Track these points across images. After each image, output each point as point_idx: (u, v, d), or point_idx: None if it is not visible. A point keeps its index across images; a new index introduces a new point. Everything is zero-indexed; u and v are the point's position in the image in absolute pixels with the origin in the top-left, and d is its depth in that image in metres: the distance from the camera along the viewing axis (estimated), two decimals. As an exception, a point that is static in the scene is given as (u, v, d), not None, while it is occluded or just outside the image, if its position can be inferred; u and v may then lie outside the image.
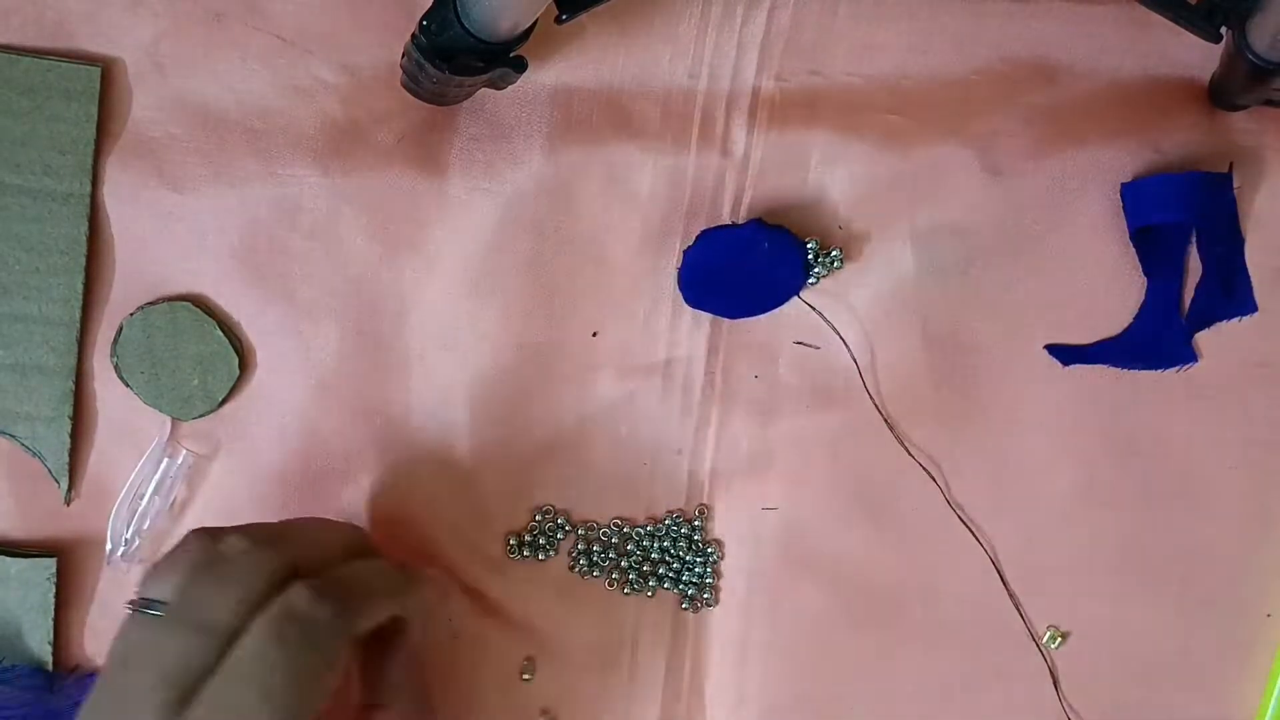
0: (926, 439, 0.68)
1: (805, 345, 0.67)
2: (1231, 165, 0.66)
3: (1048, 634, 0.67)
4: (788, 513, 0.68)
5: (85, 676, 0.66)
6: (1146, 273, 0.67)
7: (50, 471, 0.66)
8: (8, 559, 0.65)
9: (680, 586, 0.68)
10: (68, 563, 0.66)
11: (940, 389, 0.67)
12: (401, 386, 0.67)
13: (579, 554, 0.68)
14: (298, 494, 0.68)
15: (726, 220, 0.67)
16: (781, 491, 0.68)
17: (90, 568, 0.67)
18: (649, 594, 0.68)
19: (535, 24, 0.60)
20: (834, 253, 0.66)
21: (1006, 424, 0.68)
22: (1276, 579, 0.68)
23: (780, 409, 0.68)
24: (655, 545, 0.68)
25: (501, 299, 0.67)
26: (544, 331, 0.67)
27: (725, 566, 0.68)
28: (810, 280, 0.66)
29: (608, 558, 0.68)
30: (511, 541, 0.68)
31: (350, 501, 0.68)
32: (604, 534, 0.68)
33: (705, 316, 0.67)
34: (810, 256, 0.66)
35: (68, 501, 0.67)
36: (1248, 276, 0.67)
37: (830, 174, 0.67)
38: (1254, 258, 0.67)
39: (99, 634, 0.67)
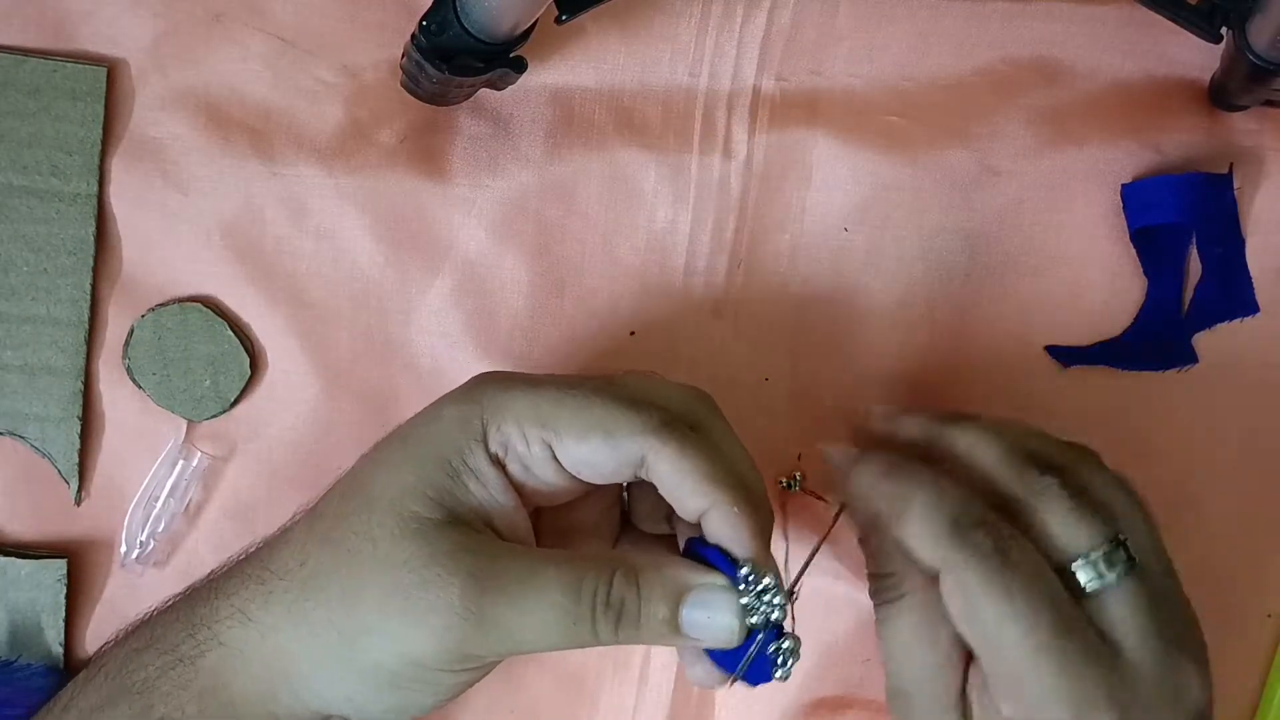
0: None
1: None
2: (1231, 165, 0.66)
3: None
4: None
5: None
6: (1146, 273, 0.67)
7: (60, 472, 0.66)
8: (18, 560, 0.66)
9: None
10: (78, 564, 0.67)
11: (943, 390, 0.67)
12: (411, 384, 0.68)
13: None
14: (312, 493, 0.68)
15: (733, 216, 0.67)
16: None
17: (101, 569, 0.67)
18: None
19: (535, 24, 0.60)
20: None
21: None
22: (1276, 580, 0.68)
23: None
24: None
25: (508, 298, 0.67)
26: (551, 330, 0.68)
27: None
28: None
29: None
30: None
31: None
32: None
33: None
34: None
35: (78, 502, 0.67)
36: (1248, 277, 0.67)
37: (832, 174, 0.67)
38: (1254, 258, 0.67)
39: (109, 635, 0.65)
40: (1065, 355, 0.67)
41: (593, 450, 0.53)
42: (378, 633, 0.52)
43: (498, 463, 0.54)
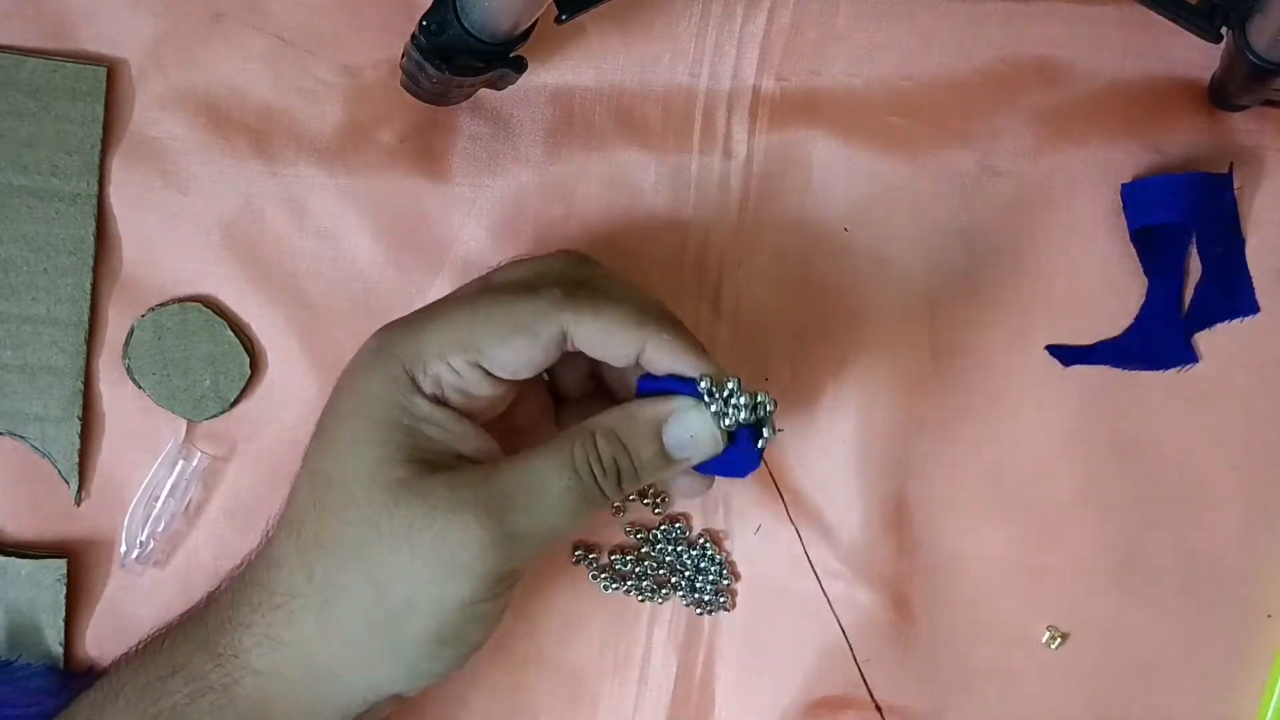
0: (929, 438, 0.67)
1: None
2: (1231, 165, 0.66)
3: (1048, 634, 0.67)
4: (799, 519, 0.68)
5: (98, 676, 0.66)
6: (1146, 273, 0.67)
7: (60, 472, 0.66)
8: (18, 560, 0.66)
9: (695, 593, 0.67)
10: (78, 564, 0.67)
11: (943, 390, 0.67)
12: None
13: (596, 567, 0.68)
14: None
15: (734, 216, 0.67)
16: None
17: (101, 569, 0.67)
18: (659, 601, 0.68)
19: (535, 24, 0.60)
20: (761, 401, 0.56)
21: (1008, 424, 0.67)
22: (1277, 580, 0.67)
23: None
24: (670, 549, 0.68)
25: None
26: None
27: (741, 570, 0.68)
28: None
29: (625, 563, 0.68)
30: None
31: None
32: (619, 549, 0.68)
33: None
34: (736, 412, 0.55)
35: (78, 502, 0.67)
36: (1248, 276, 0.67)
37: (832, 174, 0.67)
38: (1254, 258, 0.67)
39: (110, 635, 0.67)
40: (1065, 355, 0.67)
41: (518, 350, 0.55)
42: (418, 601, 0.53)
43: (439, 401, 0.55)
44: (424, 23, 0.58)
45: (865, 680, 0.65)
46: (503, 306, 0.55)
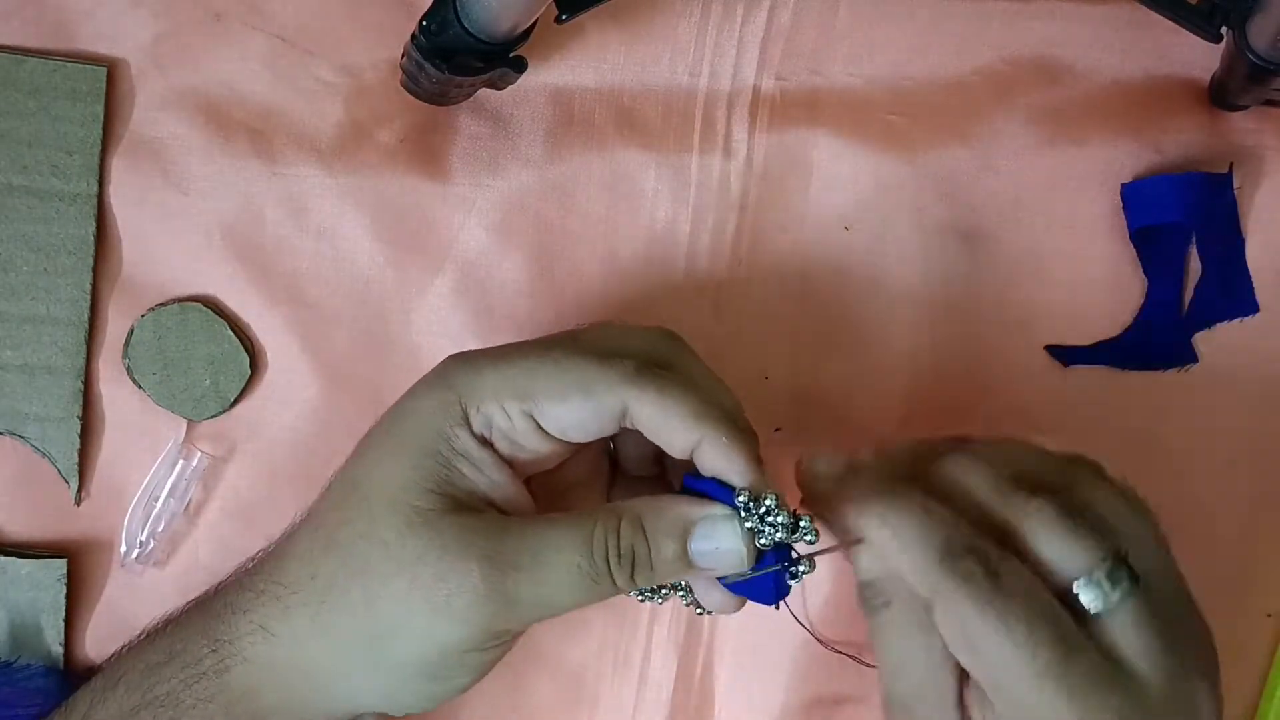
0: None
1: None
2: (1231, 165, 0.66)
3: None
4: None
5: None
6: (1146, 273, 0.67)
7: (60, 472, 0.66)
8: (18, 560, 0.66)
9: (695, 593, 0.67)
10: (78, 564, 0.67)
11: (943, 389, 0.67)
12: (411, 384, 0.68)
13: None
14: (312, 493, 0.67)
15: (734, 216, 0.67)
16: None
17: (101, 569, 0.67)
18: (659, 601, 0.68)
19: (535, 24, 0.60)
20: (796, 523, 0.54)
21: (1008, 425, 0.67)
22: (1276, 579, 0.68)
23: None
24: None
25: (508, 298, 0.68)
26: (550, 330, 0.67)
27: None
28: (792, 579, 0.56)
29: None
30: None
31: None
32: None
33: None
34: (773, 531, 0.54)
35: (78, 502, 0.67)
36: (1248, 276, 0.67)
37: (832, 173, 0.67)
38: (1254, 258, 0.67)
39: (109, 635, 0.67)
40: (1065, 355, 0.67)
41: (574, 411, 0.54)
42: (404, 631, 0.53)
43: (485, 442, 0.55)
44: (424, 23, 0.59)
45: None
46: (571, 365, 0.54)
